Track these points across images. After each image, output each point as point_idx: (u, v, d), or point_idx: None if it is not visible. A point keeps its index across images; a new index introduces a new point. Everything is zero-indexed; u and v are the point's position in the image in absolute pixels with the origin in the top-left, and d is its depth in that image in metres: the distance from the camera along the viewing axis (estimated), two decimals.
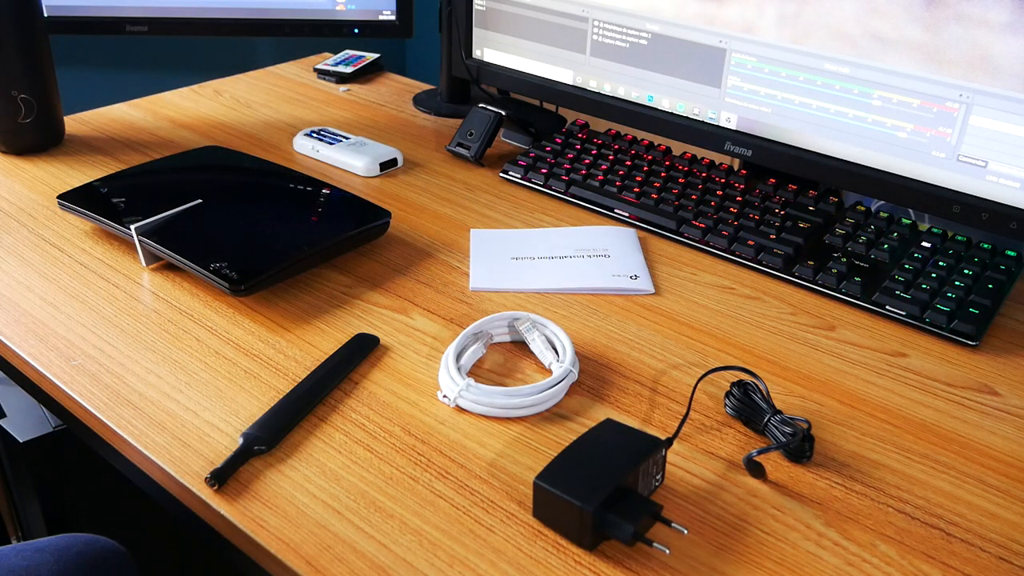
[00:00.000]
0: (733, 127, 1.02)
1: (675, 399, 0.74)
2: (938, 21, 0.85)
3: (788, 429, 0.67)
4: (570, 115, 1.20)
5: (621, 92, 1.10)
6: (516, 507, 0.62)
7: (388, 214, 0.93)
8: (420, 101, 1.35)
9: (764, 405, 0.69)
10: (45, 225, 0.96)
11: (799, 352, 0.80)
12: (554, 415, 0.71)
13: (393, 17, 1.28)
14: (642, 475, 0.61)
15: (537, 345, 0.77)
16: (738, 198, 1.00)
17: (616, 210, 1.02)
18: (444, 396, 0.72)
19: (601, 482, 0.59)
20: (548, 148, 1.12)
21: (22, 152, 1.12)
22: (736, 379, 0.72)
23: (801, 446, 0.67)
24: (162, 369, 0.75)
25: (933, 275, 0.87)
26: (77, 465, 1.18)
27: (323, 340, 0.79)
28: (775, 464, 0.67)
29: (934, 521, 0.63)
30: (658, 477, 0.64)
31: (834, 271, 0.88)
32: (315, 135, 1.17)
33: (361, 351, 0.77)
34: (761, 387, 0.71)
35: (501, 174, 1.11)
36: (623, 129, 1.15)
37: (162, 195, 0.93)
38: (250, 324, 0.81)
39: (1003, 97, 0.83)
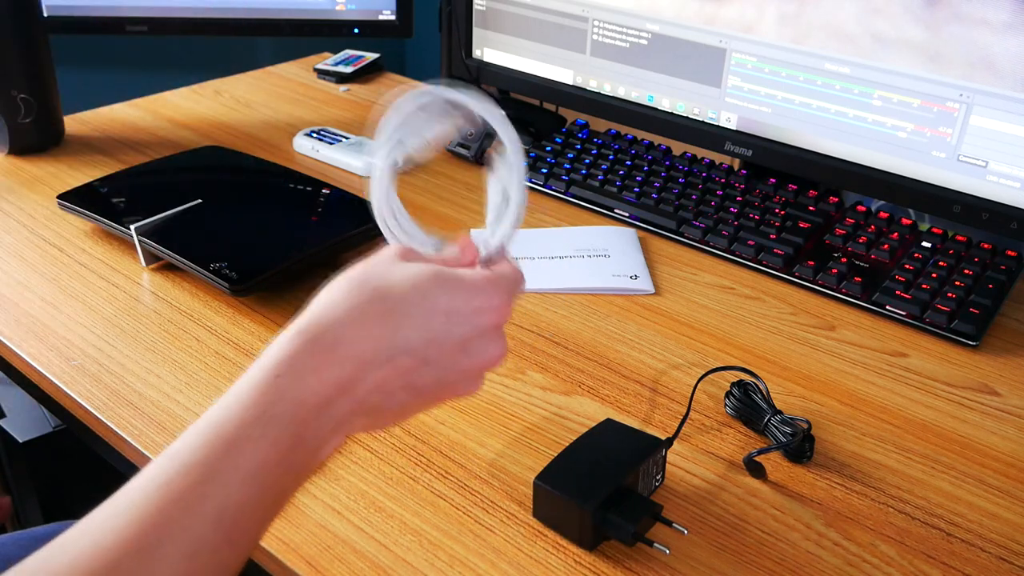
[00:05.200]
0: (733, 127, 1.02)
1: (675, 399, 0.74)
2: (938, 21, 0.84)
3: (788, 429, 0.67)
4: (570, 115, 1.20)
5: (621, 92, 1.10)
6: (516, 507, 0.62)
7: None
8: None
9: (764, 405, 0.69)
10: (45, 225, 0.96)
11: (799, 352, 0.80)
12: (554, 415, 0.71)
13: (393, 17, 1.28)
14: (642, 475, 0.61)
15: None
16: (738, 198, 1.00)
17: (616, 210, 1.01)
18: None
19: (601, 482, 0.59)
20: (548, 148, 1.12)
21: (22, 152, 1.12)
22: (736, 379, 0.72)
23: (801, 446, 0.67)
24: (162, 369, 0.75)
25: (933, 275, 0.87)
26: (77, 465, 1.18)
27: None
28: (775, 464, 0.67)
29: (934, 521, 0.63)
30: (658, 477, 0.64)
31: (834, 271, 0.88)
32: (315, 135, 1.17)
33: None
34: (761, 387, 0.71)
35: None
36: (623, 129, 1.15)
37: (162, 195, 0.93)
38: (250, 324, 0.81)
39: (1003, 97, 0.83)
